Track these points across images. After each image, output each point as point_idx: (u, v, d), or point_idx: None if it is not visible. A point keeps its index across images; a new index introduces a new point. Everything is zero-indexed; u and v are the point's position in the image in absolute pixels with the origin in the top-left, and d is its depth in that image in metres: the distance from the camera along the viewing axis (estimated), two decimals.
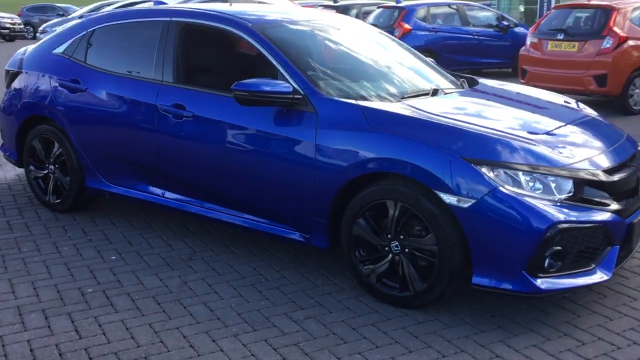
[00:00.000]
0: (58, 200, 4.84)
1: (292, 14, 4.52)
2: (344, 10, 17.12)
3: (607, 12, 9.36)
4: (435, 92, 3.99)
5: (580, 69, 9.30)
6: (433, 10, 13.39)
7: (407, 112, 3.49)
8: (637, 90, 9.30)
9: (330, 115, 3.53)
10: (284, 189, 3.68)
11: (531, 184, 3.10)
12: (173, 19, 4.29)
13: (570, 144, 3.41)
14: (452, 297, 3.40)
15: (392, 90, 3.90)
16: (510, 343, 3.06)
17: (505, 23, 13.67)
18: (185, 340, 3.09)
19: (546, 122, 3.68)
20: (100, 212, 4.90)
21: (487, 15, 14.24)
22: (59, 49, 4.82)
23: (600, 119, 4.10)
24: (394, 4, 13.87)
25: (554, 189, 3.10)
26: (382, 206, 3.34)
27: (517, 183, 3.08)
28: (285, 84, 3.62)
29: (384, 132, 3.35)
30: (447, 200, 3.11)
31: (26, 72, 4.97)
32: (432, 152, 3.18)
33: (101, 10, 12.47)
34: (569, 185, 3.13)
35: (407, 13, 13.00)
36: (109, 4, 12.94)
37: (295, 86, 3.63)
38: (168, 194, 4.27)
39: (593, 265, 3.18)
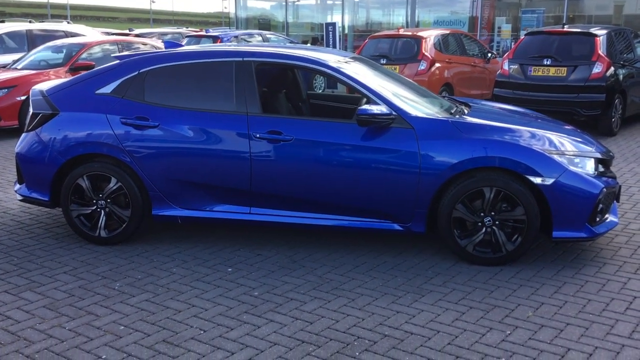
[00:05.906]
0: (113, 233, 5.05)
1: (324, 53, 5.39)
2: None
3: (417, 40, 11.59)
4: (462, 109, 5.29)
5: None
6: (245, 38, 14.60)
7: (484, 122, 4.77)
8: None
9: (427, 129, 4.64)
10: (389, 191, 4.65)
11: (580, 165, 4.60)
12: (246, 58, 4.95)
13: (575, 139, 4.95)
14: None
15: (439, 107, 5.09)
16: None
17: None
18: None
19: (547, 126, 5.23)
20: (143, 240, 5.24)
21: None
22: (105, 90, 5.05)
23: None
24: (203, 32, 14.73)
25: (591, 167, 4.64)
26: (477, 192, 4.56)
27: (574, 164, 4.56)
28: (383, 107, 4.62)
29: (475, 138, 4.58)
30: (535, 181, 4.47)
31: (65, 113, 5.08)
32: (521, 148, 4.51)
33: None
34: (595, 163, 4.70)
35: (221, 42, 13.98)
36: None
37: (387, 109, 4.65)
38: (256, 210, 4.91)
39: (607, 215, 4.81)
